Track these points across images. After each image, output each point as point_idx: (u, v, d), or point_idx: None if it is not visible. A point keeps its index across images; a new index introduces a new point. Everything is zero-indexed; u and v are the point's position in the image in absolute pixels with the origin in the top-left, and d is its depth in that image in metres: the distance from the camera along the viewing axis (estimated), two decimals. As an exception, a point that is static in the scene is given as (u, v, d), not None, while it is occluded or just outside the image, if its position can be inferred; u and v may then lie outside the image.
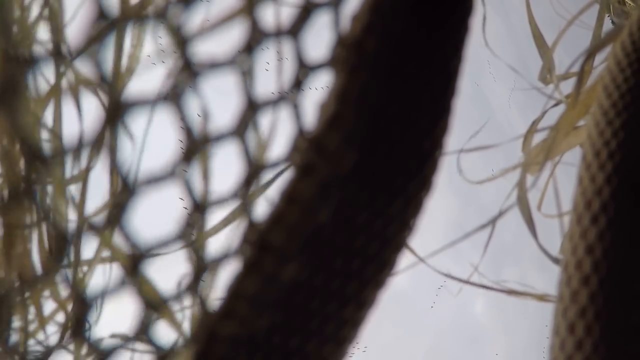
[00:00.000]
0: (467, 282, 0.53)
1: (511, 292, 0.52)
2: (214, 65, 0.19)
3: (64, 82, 0.28)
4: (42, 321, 0.33)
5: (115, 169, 0.18)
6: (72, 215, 0.31)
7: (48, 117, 0.29)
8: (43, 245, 0.30)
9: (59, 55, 0.23)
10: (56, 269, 0.22)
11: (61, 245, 0.22)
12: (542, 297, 0.51)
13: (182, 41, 0.18)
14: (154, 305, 0.20)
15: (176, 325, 0.26)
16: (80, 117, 0.29)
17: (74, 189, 0.30)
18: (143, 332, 0.21)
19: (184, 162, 0.19)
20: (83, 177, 0.30)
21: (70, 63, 0.25)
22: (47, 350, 0.31)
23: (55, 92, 0.28)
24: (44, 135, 0.29)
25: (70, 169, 0.30)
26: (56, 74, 0.27)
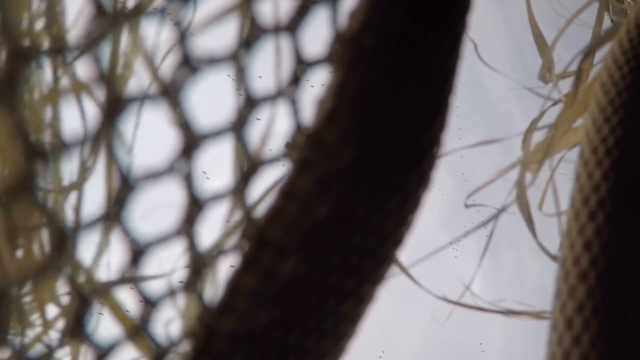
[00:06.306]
0: (462, 304, 0.53)
1: (508, 313, 0.52)
2: (212, 61, 0.19)
3: (64, 80, 0.28)
4: (46, 322, 0.33)
5: (114, 165, 0.18)
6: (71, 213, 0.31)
7: (48, 114, 0.29)
8: (42, 245, 0.30)
9: (59, 52, 0.23)
10: (56, 267, 0.22)
11: (61, 243, 0.22)
12: (539, 315, 0.51)
13: (180, 36, 0.18)
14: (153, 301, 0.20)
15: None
16: (83, 114, 0.29)
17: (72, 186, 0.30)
18: (142, 328, 0.21)
19: (183, 157, 0.19)
20: (83, 175, 0.30)
21: (69, 60, 0.25)
22: (49, 350, 0.31)
23: (55, 90, 0.28)
24: (45, 132, 0.29)
25: (70, 166, 0.30)
26: (55, 71, 0.27)
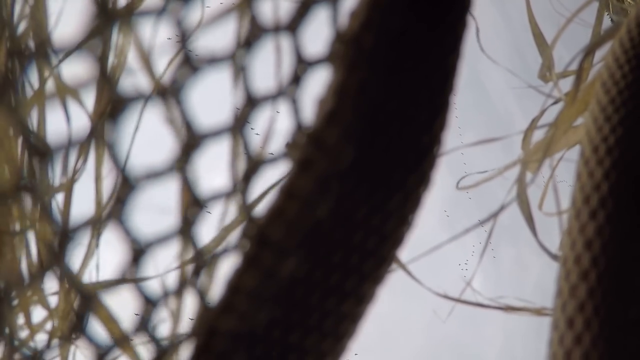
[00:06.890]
0: (462, 301, 0.53)
1: (508, 309, 0.52)
2: (213, 61, 0.19)
3: (56, 80, 0.28)
4: (32, 327, 0.33)
5: (107, 165, 0.18)
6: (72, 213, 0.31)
7: (45, 114, 0.29)
8: (29, 249, 0.29)
9: (49, 52, 0.23)
10: (46, 270, 0.22)
11: (62, 242, 0.22)
12: (539, 311, 0.51)
13: (181, 36, 0.18)
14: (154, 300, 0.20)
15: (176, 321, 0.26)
16: (68, 117, 0.29)
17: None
18: (143, 328, 0.21)
19: (183, 157, 0.19)
20: (73, 175, 0.30)
21: (57, 61, 0.25)
22: (40, 349, 0.31)
23: (40, 92, 0.28)
24: (41, 132, 0.29)
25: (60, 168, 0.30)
26: (40, 74, 0.27)
